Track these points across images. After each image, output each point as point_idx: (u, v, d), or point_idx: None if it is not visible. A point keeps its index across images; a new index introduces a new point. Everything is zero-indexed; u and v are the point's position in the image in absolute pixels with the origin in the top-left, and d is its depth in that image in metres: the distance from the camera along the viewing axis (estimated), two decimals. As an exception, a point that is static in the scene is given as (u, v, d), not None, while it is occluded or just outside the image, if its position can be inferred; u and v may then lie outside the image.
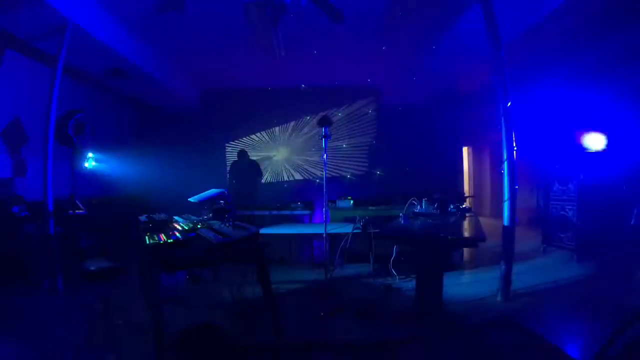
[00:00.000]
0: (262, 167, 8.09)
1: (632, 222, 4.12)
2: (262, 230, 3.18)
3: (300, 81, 7.51)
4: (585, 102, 5.41)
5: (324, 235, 3.84)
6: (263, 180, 7.70)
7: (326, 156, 3.88)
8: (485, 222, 5.14)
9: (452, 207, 4.36)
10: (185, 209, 3.61)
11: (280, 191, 7.77)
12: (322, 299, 3.38)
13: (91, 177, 5.94)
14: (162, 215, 3.37)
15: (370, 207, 5.16)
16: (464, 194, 8.17)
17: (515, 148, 3.38)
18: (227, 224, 2.67)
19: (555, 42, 4.90)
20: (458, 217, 4.17)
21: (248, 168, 6.25)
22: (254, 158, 7.99)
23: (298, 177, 8.17)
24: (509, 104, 3.37)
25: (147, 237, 2.41)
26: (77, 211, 4.14)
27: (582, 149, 4.90)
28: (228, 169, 6.60)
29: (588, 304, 3.18)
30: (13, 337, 2.69)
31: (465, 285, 3.83)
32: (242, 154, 6.33)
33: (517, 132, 3.42)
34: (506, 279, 3.34)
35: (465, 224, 3.78)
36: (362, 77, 7.46)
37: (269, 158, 8.29)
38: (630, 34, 4.38)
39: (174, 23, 4.76)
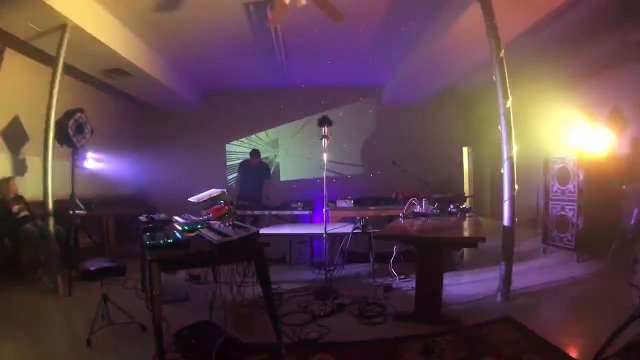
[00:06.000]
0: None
1: (632, 222, 4.11)
2: (262, 230, 3.18)
3: (299, 81, 7.51)
4: (585, 102, 5.42)
5: (324, 235, 3.84)
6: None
7: (326, 156, 3.88)
8: (485, 222, 5.15)
9: (452, 207, 4.36)
10: (185, 209, 3.61)
11: (280, 191, 7.76)
12: (322, 299, 3.38)
13: (91, 177, 5.94)
14: (162, 215, 3.38)
15: (370, 207, 5.16)
16: (464, 194, 8.16)
17: (515, 148, 3.38)
18: (227, 224, 2.67)
19: (555, 41, 4.90)
20: (458, 217, 4.18)
21: (257, 168, 6.14)
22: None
23: (298, 177, 8.17)
24: (509, 104, 3.37)
25: (147, 237, 2.41)
26: (77, 211, 4.14)
27: (582, 148, 4.90)
28: (238, 167, 6.46)
29: (588, 303, 3.18)
30: (13, 337, 2.69)
31: (465, 285, 3.83)
32: (254, 153, 6.16)
33: (517, 131, 3.42)
34: (506, 279, 3.34)
35: (465, 224, 3.79)
36: (362, 77, 7.46)
37: (269, 158, 8.29)
38: (631, 34, 4.38)
39: (174, 23, 4.77)
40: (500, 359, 2.23)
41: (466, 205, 4.68)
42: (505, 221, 3.41)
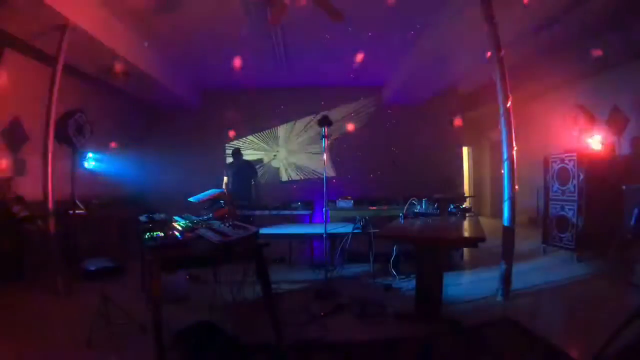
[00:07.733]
0: (263, 167, 8.11)
1: (632, 222, 4.11)
2: (262, 230, 3.18)
3: (299, 81, 7.50)
4: (585, 102, 5.42)
5: (324, 235, 3.84)
6: (263, 181, 7.69)
7: (326, 156, 3.88)
8: (485, 222, 5.15)
9: (452, 207, 4.36)
10: (185, 209, 3.61)
11: (280, 191, 7.76)
12: (322, 299, 3.38)
13: (91, 177, 5.93)
14: (162, 215, 3.38)
15: (370, 207, 5.16)
16: (464, 194, 8.17)
17: (515, 148, 3.38)
18: (227, 224, 2.67)
19: (555, 41, 4.90)
20: (458, 217, 4.18)
21: (243, 167, 6.16)
22: (254, 158, 8.02)
23: (298, 177, 8.17)
24: (509, 104, 3.37)
25: (147, 237, 2.41)
26: (77, 211, 4.13)
27: (581, 148, 4.90)
28: (226, 170, 6.50)
29: (588, 303, 3.18)
30: (13, 337, 2.69)
31: (465, 285, 3.83)
32: (236, 153, 6.22)
33: (517, 131, 3.42)
34: (506, 279, 3.34)
35: (465, 224, 3.79)
36: (362, 77, 7.45)
37: (269, 158, 8.28)
38: (631, 34, 4.38)
39: (174, 22, 4.77)
40: (500, 359, 2.23)
41: (466, 205, 4.68)
42: (505, 221, 3.41)
